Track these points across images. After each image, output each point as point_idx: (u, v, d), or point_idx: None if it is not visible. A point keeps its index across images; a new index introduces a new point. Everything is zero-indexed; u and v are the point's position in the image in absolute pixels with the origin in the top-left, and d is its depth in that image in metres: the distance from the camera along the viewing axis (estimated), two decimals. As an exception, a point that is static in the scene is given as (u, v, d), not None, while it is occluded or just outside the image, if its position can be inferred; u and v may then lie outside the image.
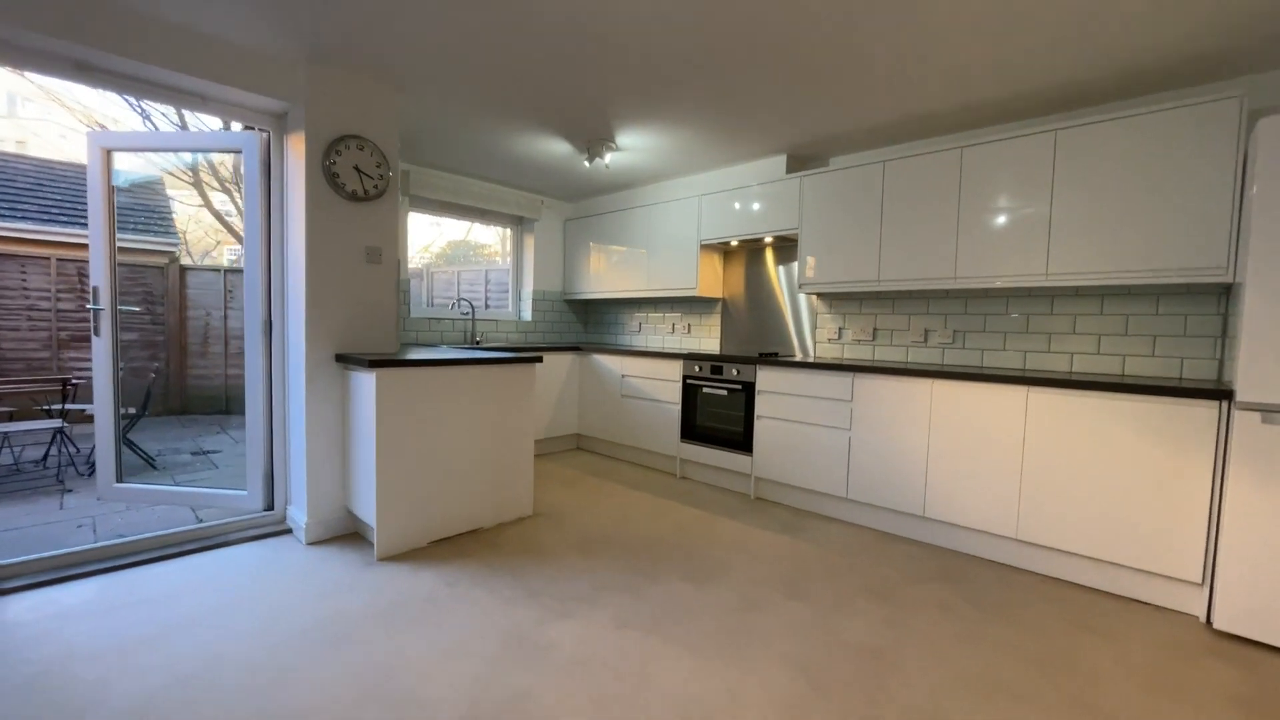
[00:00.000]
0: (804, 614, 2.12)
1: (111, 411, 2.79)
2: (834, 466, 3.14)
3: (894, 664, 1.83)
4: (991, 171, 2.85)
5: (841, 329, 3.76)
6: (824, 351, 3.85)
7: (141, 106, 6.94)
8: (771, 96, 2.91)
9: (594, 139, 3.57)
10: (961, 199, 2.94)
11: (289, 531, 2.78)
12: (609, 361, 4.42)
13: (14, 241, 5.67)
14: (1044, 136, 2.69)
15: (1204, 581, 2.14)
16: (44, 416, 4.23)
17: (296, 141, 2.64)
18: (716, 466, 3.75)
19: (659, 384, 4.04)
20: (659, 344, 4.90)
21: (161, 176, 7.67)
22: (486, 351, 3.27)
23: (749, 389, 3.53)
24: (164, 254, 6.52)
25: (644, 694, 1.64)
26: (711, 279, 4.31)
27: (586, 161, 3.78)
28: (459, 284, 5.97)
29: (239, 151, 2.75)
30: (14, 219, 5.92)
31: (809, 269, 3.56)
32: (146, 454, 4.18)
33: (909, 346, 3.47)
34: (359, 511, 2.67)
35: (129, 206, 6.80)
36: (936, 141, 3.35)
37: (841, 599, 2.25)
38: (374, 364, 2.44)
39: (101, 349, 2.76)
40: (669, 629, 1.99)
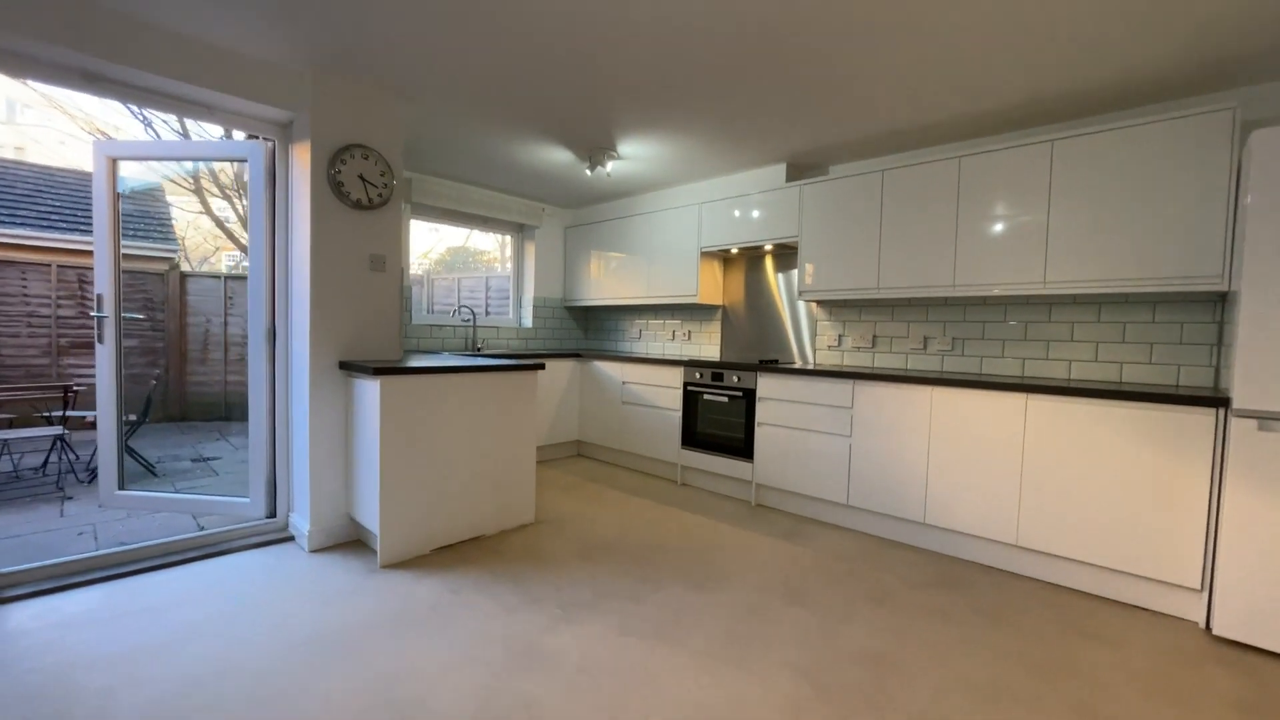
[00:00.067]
0: (807, 620, 2.13)
1: (114, 419, 2.79)
2: (835, 473, 3.16)
3: (897, 670, 1.84)
4: (989, 181, 2.88)
5: (841, 336, 3.79)
6: (824, 358, 3.87)
7: (143, 114, 6.96)
8: (772, 108, 2.94)
9: (596, 147, 3.60)
10: (960, 208, 2.97)
11: (291, 539, 2.78)
12: (610, 368, 4.43)
13: (14, 248, 5.67)
14: (1041, 146, 2.72)
15: (1203, 588, 2.16)
16: (44, 423, 4.22)
17: (302, 150, 2.66)
18: (717, 473, 3.76)
19: (660, 390, 4.06)
20: (659, 351, 4.91)
21: (162, 183, 7.69)
22: (489, 358, 3.28)
23: (750, 396, 3.54)
24: (164, 260, 6.53)
25: (650, 701, 1.65)
26: (712, 286, 4.33)
27: (588, 170, 3.81)
28: (459, 290, 5.99)
29: (244, 160, 2.77)
30: (13, 225, 5.92)
31: (809, 276, 3.59)
32: (147, 461, 4.17)
33: (908, 354, 3.49)
34: (362, 519, 2.68)
35: (129, 213, 6.80)
36: (935, 151, 3.39)
37: (844, 605, 2.26)
38: (378, 371, 2.45)
39: (105, 356, 2.76)
40: (673, 635, 2.00)
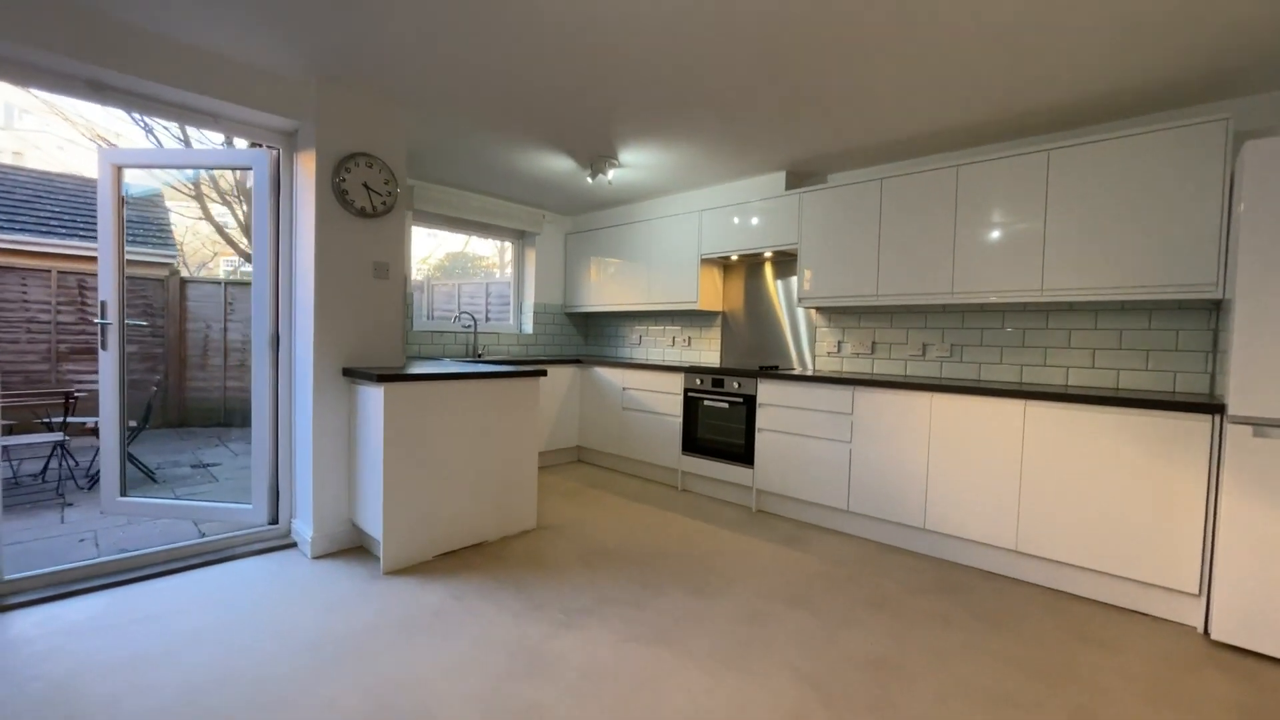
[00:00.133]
0: (809, 626, 2.14)
1: (117, 425, 2.79)
2: (835, 479, 3.17)
3: (899, 675, 1.85)
4: (987, 189, 2.92)
5: (841, 342, 3.81)
6: (823, 365, 3.90)
7: (144, 120, 6.98)
8: (771, 118, 2.98)
9: (597, 156, 3.63)
10: (958, 216, 3.01)
11: (293, 545, 2.78)
12: (610, 374, 4.45)
13: (14, 254, 5.68)
14: (1037, 156, 2.76)
15: (1201, 592, 2.18)
16: (43, 429, 4.21)
17: (306, 159, 2.69)
18: (717, 479, 3.77)
19: (660, 397, 4.08)
20: (659, 357, 4.93)
21: (162, 189, 7.70)
22: (491, 365, 3.30)
23: (750, 402, 3.56)
24: (164, 266, 6.54)
25: (655, 706, 1.66)
26: (712, 293, 4.36)
27: (589, 178, 3.84)
28: (459, 297, 6.00)
29: (249, 169, 2.79)
30: (13, 230, 5.93)
31: (808, 283, 3.62)
32: (147, 467, 4.17)
33: (907, 360, 3.52)
34: (364, 525, 2.68)
35: (130, 219, 6.79)
36: (933, 159, 3.43)
37: (845, 610, 2.27)
38: (382, 378, 2.46)
39: (109, 363, 2.77)
40: (676, 641, 2.01)
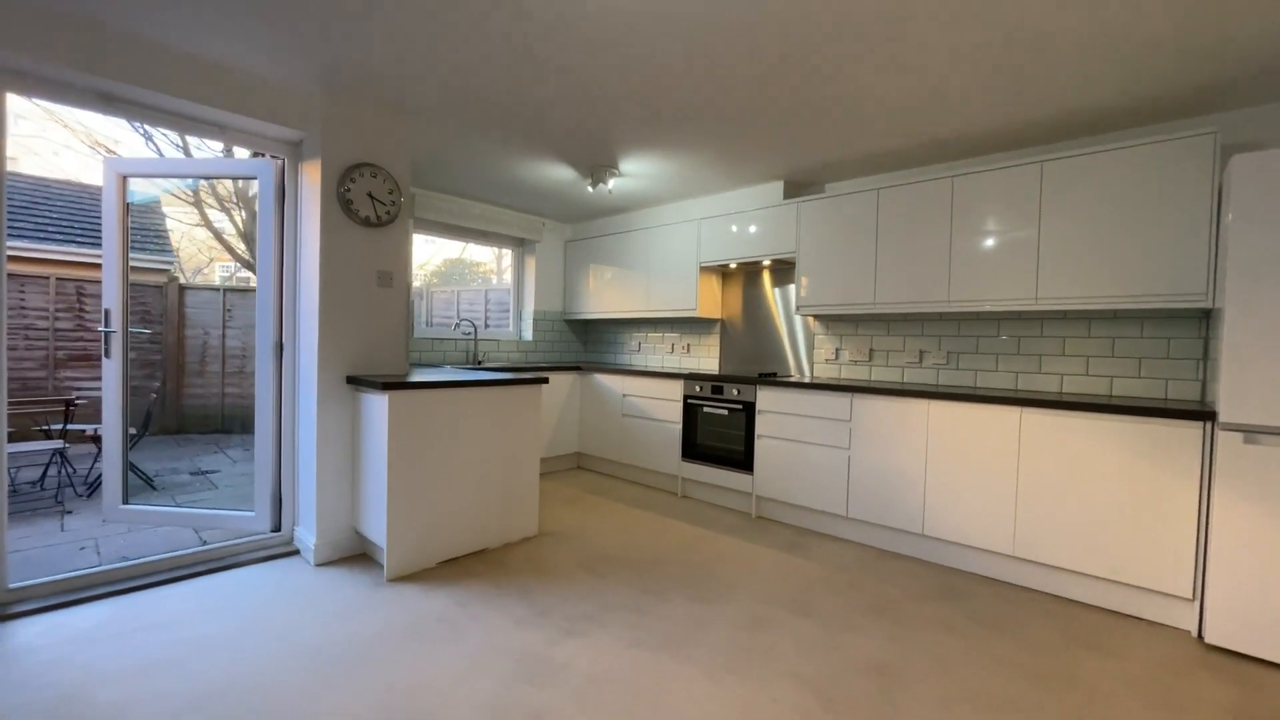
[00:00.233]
0: (811, 632, 2.17)
1: (120, 433, 2.80)
2: (834, 485, 3.21)
3: (901, 680, 1.88)
4: (982, 199, 2.97)
5: (838, 350, 3.85)
6: (821, 372, 3.94)
7: (144, 128, 6.99)
8: (769, 130, 3.03)
9: (597, 165, 3.67)
10: (954, 226, 3.06)
11: (296, 553, 2.79)
12: (610, 381, 4.48)
13: (12, 260, 5.67)
14: (1031, 168, 2.82)
15: (1194, 597, 2.21)
16: (41, 437, 4.21)
17: (311, 169, 2.71)
18: (717, 485, 3.80)
19: (660, 403, 4.10)
20: (658, 364, 4.96)
21: (160, 196, 7.70)
22: (493, 373, 3.32)
23: (749, 409, 3.59)
24: (161, 272, 6.54)
25: (659, 712, 1.68)
26: (710, 300, 4.39)
27: (590, 187, 3.88)
28: (459, 304, 6.02)
29: (254, 178, 2.81)
30: (10, 237, 5.92)
31: (806, 291, 3.66)
32: (145, 474, 4.16)
33: (904, 367, 3.56)
34: (368, 532, 2.69)
35: (130, 227, 6.80)
36: (929, 170, 3.48)
37: (846, 616, 2.30)
38: (387, 386, 2.48)
39: (112, 371, 2.78)
40: (679, 648, 2.03)
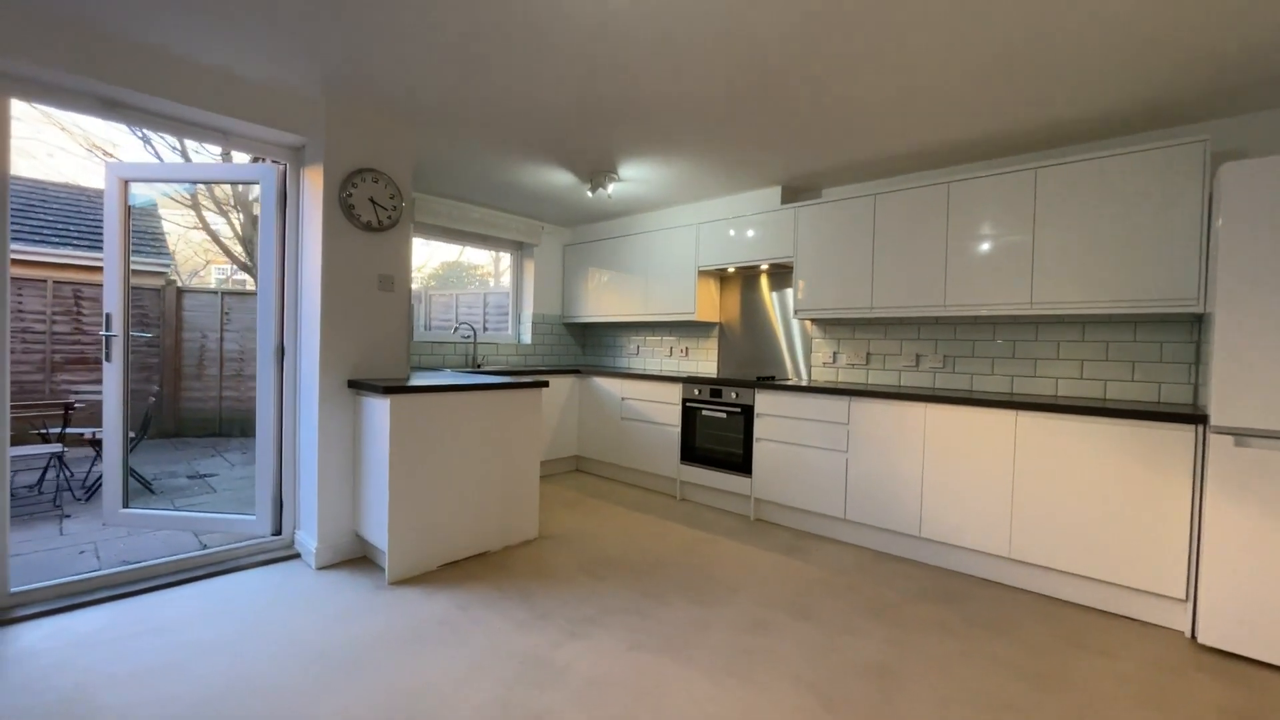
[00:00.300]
0: (811, 634, 2.19)
1: (121, 437, 2.80)
2: (832, 488, 3.23)
3: (900, 682, 1.90)
4: (977, 205, 3.00)
5: (836, 353, 3.88)
6: (819, 375, 3.97)
7: (142, 132, 6.99)
8: (767, 137, 3.07)
9: (597, 170, 3.70)
10: (949, 231, 3.09)
11: (297, 556, 2.79)
12: (609, 384, 4.50)
13: (10, 263, 5.64)
14: (1025, 174, 2.85)
15: (1187, 598, 2.24)
16: (38, 440, 4.19)
17: (314, 174, 2.73)
18: (716, 488, 3.82)
19: (659, 406, 4.12)
20: (657, 367, 4.99)
21: (157, 200, 7.69)
22: (493, 376, 3.34)
23: (748, 412, 3.62)
24: (159, 275, 6.53)
25: (661, 713, 1.70)
26: (708, 304, 4.42)
27: (589, 191, 3.90)
28: (457, 307, 6.04)
29: (256, 183, 2.82)
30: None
31: (803, 295, 3.69)
32: (143, 478, 4.16)
33: (901, 371, 3.59)
34: (369, 535, 2.70)
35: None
36: (925, 176, 3.52)
37: (845, 619, 2.32)
38: (388, 390, 2.50)
39: (113, 375, 2.78)
40: (680, 649, 2.05)
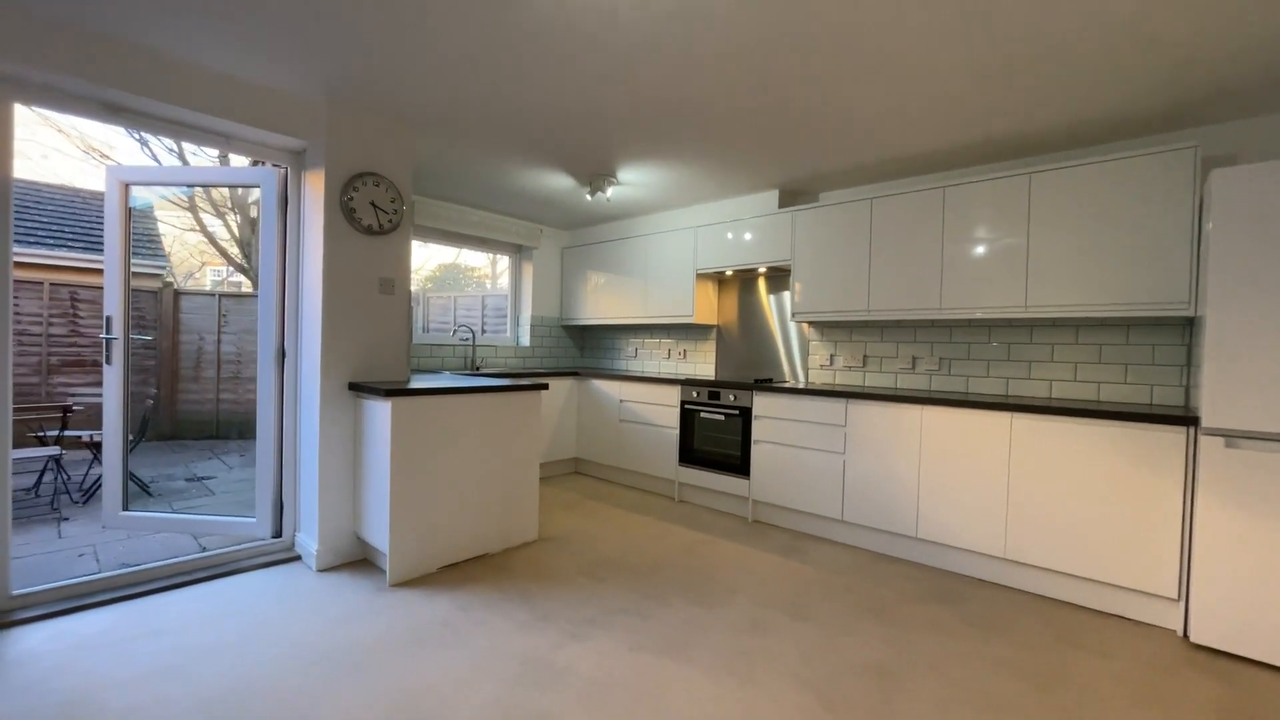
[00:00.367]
0: (810, 635, 2.21)
1: (121, 440, 2.81)
2: (829, 489, 3.26)
3: (899, 682, 1.92)
4: (972, 210, 3.04)
5: (833, 356, 3.91)
6: (816, 377, 3.99)
7: (140, 135, 6.98)
8: (765, 141, 3.10)
9: (596, 174, 3.72)
10: (945, 235, 3.13)
11: (298, 558, 2.80)
12: (607, 386, 4.51)
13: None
14: (1019, 179, 2.89)
15: (1180, 597, 2.28)
16: (35, 443, 4.18)
17: (315, 178, 2.74)
18: (714, 490, 3.84)
19: (657, 409, 4.14)
20: (655, 369, 5.01)
21: (154, 202, 7.68)
22: (492, 379, 3.35)
23: (746, 414, 3.64)
24: (155, 277, 6.51)
25: (662, 715, 1.71)
26: (706, 306, 4.45)
27: (588, 195, 3.93)
28: (455, 309, 6.05)
29: (257, 186, 2.84)
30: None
31: (800, 298, 3.72)
32: (141, 481, 4.15)
33: (898, 373, 3.63)
34: (369, 538, 2.71)
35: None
36: (921, 180, 3.56)
37: (843, 620, 2.34)
38: (389, 393, 2.51)
39: (113, 378, 2.79)
40: (680, 650, 2.07)
